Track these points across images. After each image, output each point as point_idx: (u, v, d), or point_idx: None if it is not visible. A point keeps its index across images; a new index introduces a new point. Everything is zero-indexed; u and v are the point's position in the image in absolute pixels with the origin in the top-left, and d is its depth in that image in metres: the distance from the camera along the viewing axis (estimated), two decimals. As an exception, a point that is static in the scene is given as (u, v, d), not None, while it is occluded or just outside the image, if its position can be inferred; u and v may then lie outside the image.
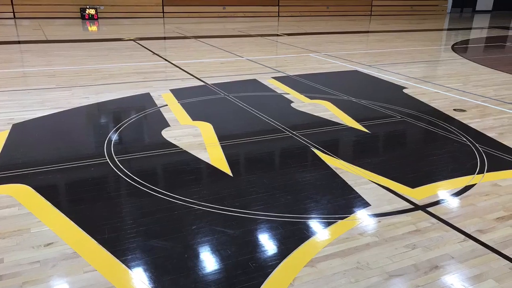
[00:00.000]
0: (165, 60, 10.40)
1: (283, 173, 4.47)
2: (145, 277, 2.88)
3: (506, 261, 3.11)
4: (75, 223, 3.48)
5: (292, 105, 6.82)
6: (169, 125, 5.76)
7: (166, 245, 3.23)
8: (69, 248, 3.17)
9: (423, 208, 3.81)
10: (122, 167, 4.50)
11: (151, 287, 2.80)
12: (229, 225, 3.49)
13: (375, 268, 3.01)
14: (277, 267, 3.00)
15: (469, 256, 3.16)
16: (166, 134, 5.46)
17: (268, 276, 2.91)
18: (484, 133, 5.70)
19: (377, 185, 4.21)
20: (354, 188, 4.15)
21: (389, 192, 4.08)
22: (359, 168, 4.59)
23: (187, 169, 4.53)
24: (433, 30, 18.76)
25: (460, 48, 13.61)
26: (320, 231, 3.45)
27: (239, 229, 3.44)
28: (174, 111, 6.35)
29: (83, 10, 19.39)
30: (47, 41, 13.00)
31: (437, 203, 3.91)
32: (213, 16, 22.29)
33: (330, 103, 6.88)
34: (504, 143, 5.37)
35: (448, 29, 19.69)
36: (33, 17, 19.06)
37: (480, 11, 30.91)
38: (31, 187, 4.04)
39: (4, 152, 4.86)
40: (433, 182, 4.32)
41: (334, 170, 4.54)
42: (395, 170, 4.58)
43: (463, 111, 6.63)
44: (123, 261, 3.03)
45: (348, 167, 4.60)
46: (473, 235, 3.42)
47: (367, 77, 9.04)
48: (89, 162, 4.63)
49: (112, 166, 4.53)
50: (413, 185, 4.23)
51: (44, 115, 6.08)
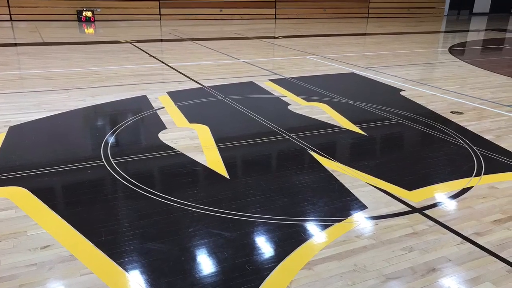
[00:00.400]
0: (162, 62, 10.40)
1: (280, 175, 4.47)
2: (142, 279, 2.88)
3: (503, 263, 3.11)
4: (72, 226, 3.47)
5: (289, 107, 6.82)
6: (166, 128, 5.76)
7: (163, 247, 3.22)
8: (65, 250, 3.16)
9: (420, 210, 3.81)
10: (118, 169, 4.49)
11: (148, 290, 2.79)
12: (226, 228, 3.48)
13: (372, 270, 3.01)
14: (274, 269, 2.99)
15: (466, 258, 3.16)
16: (163, 136, 5.46)
17: (265, 278, 2.90)
18: (481, 135, 5.70)
19: (374, 188, 4.21)
20: (351, 190, 4.15)
21: (386, 194, 4.08)
22: (356, 170, 4.59)
23: (183, 171, 4.52)
24: (430, 32, 18.78)
25: (457, 50, 13.63)
26: (317, 233, 3.45)
27: (236, 232, 3.44)
28: (171, 113, 6.35)
29: (79, 12, 19.37)
30: (44, 44, 12.98)
31: (434, 205, 3.91)
32: (210, 18, 22.30)
33: (327, 106, 6.88)
34: (501, 145, 5.38)
35: (445, 32, 19.72)
36: (29, 19, 19.04)
37: (477, 13, 30.97)
38: (28, 189, 4.03)
39: (0, 154, 4.85)
40: (430, 184, 4.32)
41: (331, 172, 4.54)
42: (392, 172, 4.57)
43: (460, 113, 6.63)
44: (120, 264, 3.02)
45: (345, 170, 4.59)
46: (470, 237, 3.42)
47: (364, 79, 9.04)
48: (86, 164, 4.62)
49: (108, 168, 4.52)
50: (410, 187, 4.23)
51: (40, 117, 6.07)
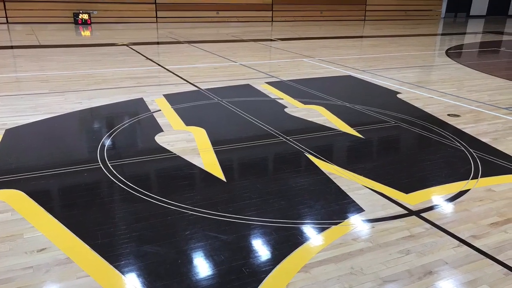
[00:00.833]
0: (159, 65, 10.39)
1: (277, 178, 4.46)
2: (138, 282, 2.87)
3: (500, 266, 3.11)
4: (68, 229, 3.46)
5: (285, 110, 6.82)
6: (162, 130, 5.75)
7: (159, 250, 3.21)
8: (62, 253, 3.15)
9: (417, 213, 3.81)
10: (115, 172, 4.49)
11: (144, 293, 2.79)
12: (222, 231, 3.48)
13: (369, 273, 3.00)
14: (270, 272, 2.99)
15: (463, 261, 3.16)
16: (159, 139, 5.45)
17: (261, 281, 2.90)
18: (478, 138, 5.71)
19: (371, 191, 4.21)
20: (348, 193, 4.15)
21: (383, 197, 4.08)
22: (353, 173, 4.59)
23: (180, 174, 4.51)
24: (427, 35, 18.83)
25: (454, 53, 13.66)
26: (314, 236, 3.45)
27: (233, 235, 3.43)
28: (167, 116, 6.34)
29: (76, 15, 19.36)
30: (40, 46, 12.97)
31: (431, 208, 3.90)
32: (206, 21, 22.30)
33: (324, 108, 6.88)
34: (498, 148, 5.38)
35: (442, 34, 19.76)
36: (26, 22, 19.02)
37: (474, 16, 31.05)
38: (24, 192, 4.02)
39: (-4, 157, 4.84)
40: (427, 187, 4.32)
41: (328, 175, 4.53)
42: (389, 175, 4.57)
43: (457, 116, 6.64)
44: (116, 267, 3.01)
45: (342, 173, 4.59)
46: (467, 240, 3.42)
47: (361, 82, 9.05)
48: (82, 167, 4.61)
49: (105, 171, 4.51)
50: (407, 190, 4.23)
51: (37, 120, 6.06)
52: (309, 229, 3.54)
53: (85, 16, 19.48)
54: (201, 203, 3.88)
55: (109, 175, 4.42)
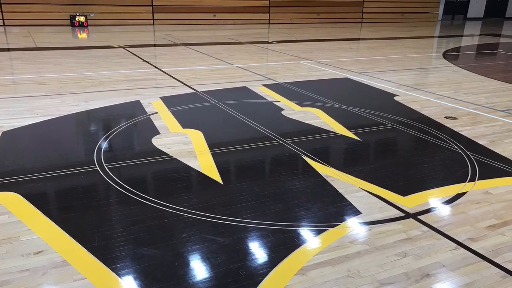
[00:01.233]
0: (155, 67, 10.38)
1: (274, 181, 4.46)
2: (135, 285, 2.86)
3: (497, 269, 3.11)
4: (65, 231, 3.45)
5: (282, 112, 6.82)
6: (159, 133, 5.74)
7: (156, 253, 3.20)
8: (58, 256, 3.14)
9: (414, 216, 3.81)
10: (112, 175, 4.48)
11: (141, 296, 2.78)
12: (219, 233, 3.47)
13: (366, 276, 3.00)
14: (267, 275, 2.99)
15: (460, 264, 3.16)
16: (156, 141, 5.44)
17: (258, 284, 2.89)
18: (475, 140, 5.71)
19: (368, 193, 4.21)
20: (345, 196, 4.15)
21: (380, 200, 4.08)
22: (350, 176, 4.59)
23: (177, 177, 4.51)
24: (424, 37, 18.85)
25: (451, 55, 13.68)
26: (310, 239, 3.44)
27: (230, 237, 3.42)
28: (164, 118, 6.33)
29: (73, 17, 19.33)
30: (37, 49, 12.95)
31: (428, 211, 3.91)
32: (203, 23, 22.29)
33: (320, 111, 6.88)
34: (495, 150, 5.39)
35: (439, 36, 19.79)
36: (22, 24, 18.99)
37: (471, 18, 31.08)
38: (21, 195, 4.01)
39: (-8, 159, 4.83)
40: (424, 190, 4.32)
41: (325, 178, 4.53)
42: (386, 178, 4.57)
43: (455, 118, 6.65)
44: (113, 269, 3.01)
45: (339, 175, 4.59)
46: (464, 243, 3.42)
47: (358, 84, 9.06)
48: (79, 170, 4.60)
49: (102, 174, 4.50)
50: (404, 193, 4.23)
51: (33, 122, 6.05)
52: (306, 232, 3.54)
53: (82, 18, 19.46)
54: (198, 206, 3.88)
55: (106, 178, 4.41)
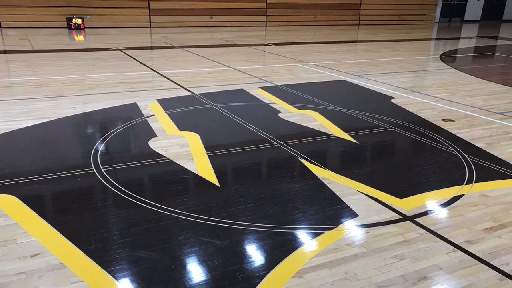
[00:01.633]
0: (152, 70, 10.38)
1: (271, 183, 4.46)
2: (132, 289, 2.86)
3: (494, 272, 3.11)
4: (62, 234, 3.44)
5: (279, 115, 6.82)
6: (156, 135, 5.74)
7: (153, 256, 3.20)
8: (55, 259, 3.13)
9: (411, 218, 3.80)
10: (108, 177, 4.47)
11: (138, 299, 2.77)
12: (216, 236, 3.47)
13: (363, 279, 3.00)
14: (264, 278, 2.98)
15: (458, 267, 3.16)
16: (153, 144, 5.44)
17: (255, 287, 2.88)
18: (472, 143, 5.72)
19: (365, 196, 4.20)
20: (342, 198, 4.14)
21: (377, 202, 4.08)
22: (347, 178, 4.58)
23: (174, 179, 4.50)
24: (421, 39, 18.86)
25: (448, 57, 13.69)
26: (307, 241, 3.44)
27: (226, 240, 3.42)
28: (161, 121, 6.33)
29: (69, 19, 19.30)
30: (33, 51, 12.93)
31: (425, 213, 3.90)
32: (200, 26, 22.28)
33: (317, 113, 6.88)
34: (492, 153, 5.39)
35: (436, 39, 19.80)
36: (19, 26, 18.96)
37: (468, 20, 31.12)
38: (18, 197, 4.00)
39: (-12, 162, 4.81)
40: (422, 192, 4.32)
41: (321, 180, 4.53)
42: (383, 180, 4.57)
43: (452, 121, 6.65)
44: (110, 272, 3.00)
45: (336, 178, 4.59)
46: (461, 245, 3.42)
47: (355, 87, 9.06)
48: (75, 172, 4.59)
49: (98, 176, 4.49)
50: (401, 195, 4.23)
51: (30, 125, 6.03)
52: (303, 234, 3.53)
53: (79, 20, 19.43)
54: (195, 208, 3.87)
55: (102, 180, 4.40)
